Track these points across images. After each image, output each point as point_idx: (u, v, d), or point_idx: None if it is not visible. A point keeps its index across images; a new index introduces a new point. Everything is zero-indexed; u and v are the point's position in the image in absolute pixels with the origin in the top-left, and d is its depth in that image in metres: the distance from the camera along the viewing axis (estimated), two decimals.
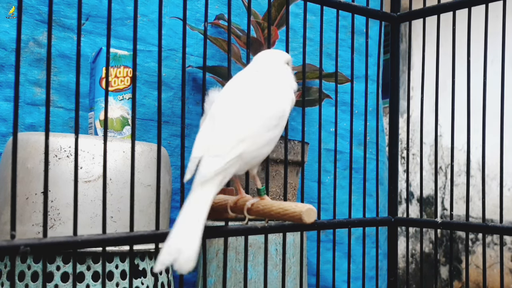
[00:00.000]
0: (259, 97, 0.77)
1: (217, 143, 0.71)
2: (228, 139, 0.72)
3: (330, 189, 1.70)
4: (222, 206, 0.83)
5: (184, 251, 0.63)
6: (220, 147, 0.71)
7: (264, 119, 0.75)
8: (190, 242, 0.64)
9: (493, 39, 1.20)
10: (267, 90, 0.78)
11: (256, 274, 1.34)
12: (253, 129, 0.73)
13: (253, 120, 0.74)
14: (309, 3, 1.08)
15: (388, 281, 1.26)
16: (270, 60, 0.83)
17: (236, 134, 0.72)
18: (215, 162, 0.70)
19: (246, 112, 0.75)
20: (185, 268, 0.63)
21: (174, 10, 1.52)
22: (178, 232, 0.65)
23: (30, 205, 1.05)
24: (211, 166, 0.69)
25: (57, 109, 1.38)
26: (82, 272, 1.08)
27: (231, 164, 0.71)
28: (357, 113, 1.78)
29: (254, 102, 0.76)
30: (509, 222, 2.63)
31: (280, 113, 0.77)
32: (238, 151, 0.71)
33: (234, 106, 0.76)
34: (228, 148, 0.71)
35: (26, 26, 1.35)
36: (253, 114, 0.75)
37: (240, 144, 0.72)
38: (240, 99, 0.77)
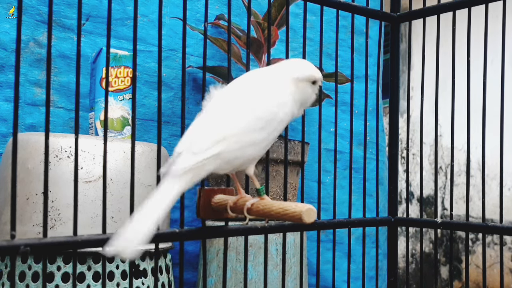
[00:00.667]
0: (249, 98, 0.76)
1: (196, 140, 0.71)
2: (207, 137, 0.71)
3: (330, 189, 1.70)
4: (222, 206, 0.84)
5: (130, 241, 0.64)
6: (198, 145, 0.71)
7: (248, 119, 0.74)
8: (137, 234, 0.64)
9: (493, 39, 1.20)
10: (258, 91, 0.77)
11: (256, 274, 1.34)
12: (234, 128, 0.73)
13: (236, 119, 0.73)
14: (309, 3, 1.08)
15: (388, 281, 1.26)
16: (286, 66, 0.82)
17: (216, 133, 0.72)
18: (189, 159, 0.70)
19: (231, 111, 0.74)
20: (126, 256, 0.64)
21: (174, 10, 1.52)
22: (134, 221, 0.65)
23: (31, 205, 1.05)
24: (183, 163, 0.69)
25: (58, 110, 1.38)
26: (82, 272, 1.08)
27: (206, 162, 0.71)
28: (357, 113, 1.78)
29: (241, 102, 0.76)
30: (509, 222, 2.63)
31: (269, 115, 0.75)
32: (215, 150, 0.71)
33: (223, 105, 0.76)
34: (205, 146, 0.71)
35: (26, 27, 1.35)
36: (237, 114, 0.74)
37: (218, 143, 0.71)
38: (231, 98, 0.77)
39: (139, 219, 0.65)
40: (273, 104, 0.76)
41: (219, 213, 0.85)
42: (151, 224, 0.65)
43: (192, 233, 0.87)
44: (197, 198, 0.85)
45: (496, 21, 1.16)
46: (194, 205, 1.50)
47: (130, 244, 0.64)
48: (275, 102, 0.76)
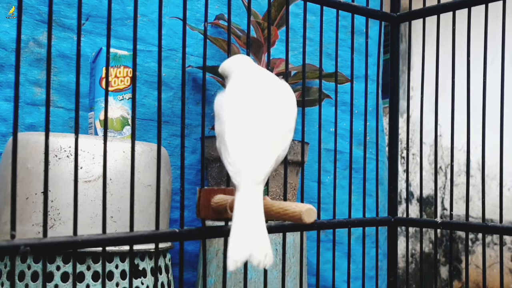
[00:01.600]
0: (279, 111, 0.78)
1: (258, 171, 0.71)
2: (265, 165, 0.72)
3: (330, 189, 1.70)
4: (222, 206, 0.83)
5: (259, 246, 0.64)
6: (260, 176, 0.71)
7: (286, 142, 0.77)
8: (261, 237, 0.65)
9: (493, 39, 1.20)
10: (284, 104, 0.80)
11: (256, 274, 1.34)
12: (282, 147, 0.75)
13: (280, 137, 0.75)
14: (309, 3, 1.08)
15: (388, 281, 1.26)
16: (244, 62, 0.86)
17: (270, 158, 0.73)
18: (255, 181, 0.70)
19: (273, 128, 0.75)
20: (267, 263, 0.63)
21: (174, 10, 1.52)
22: (245, 228, 0.65)
23: (30, 205, 1.05)
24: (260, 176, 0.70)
25: (57, 109, 1.38)
26: (82, 272, 1.08)
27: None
28: (357, 113, 1.78)
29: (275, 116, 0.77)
30: (509, 222, 2.63)
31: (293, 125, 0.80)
32: (270, 170, 0.73)
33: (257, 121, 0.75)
34: (263, 177, 0.71)
35: (26, 26, 1.35)
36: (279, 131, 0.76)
37: (271, 167, 0.73)
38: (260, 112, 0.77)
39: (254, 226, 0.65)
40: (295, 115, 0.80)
41: (219, 213, 0.85)
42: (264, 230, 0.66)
43: (192, 233, 0.87)
44: (197, 198, 0.85)
45: (496, 21, 1.16)
46: (194, 205, 1.50)
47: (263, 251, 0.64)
48: (295, 113, 0.81)
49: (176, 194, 1.39)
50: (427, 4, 1.21)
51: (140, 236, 0.82)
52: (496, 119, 1.10)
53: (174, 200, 1.40)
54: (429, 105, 1.67)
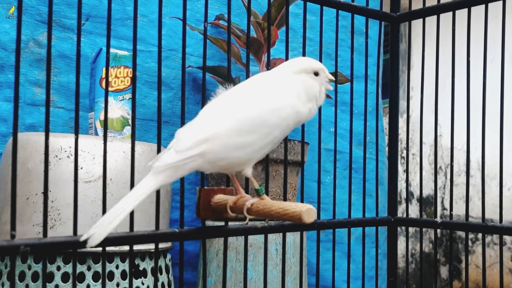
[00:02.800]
0: (239, 100, 0.76)
1: (183, 139, 0.73)
2: (191, 137, 0.72)
3: (330, 189, 1.70)
4: (222, 206, 0.84)
5: (101, 228, 0.68)
6: (183, 143, 0.72)
7: (230, 122, 0.73)
8: (110, 222, 0.68)
9: (493, 39, 1.20)
10: (252, 95, 0.76)
11: (256, 274, 1.34)
12: (217, 130, 0.72)
13: (222, 121, 0.73)
14: (309, 3, 1.08)
15: (388, 281, 1.26)
16: (286, 65, 0.81)
17: (199, 133, 0.72)
18: (171, 156, 0.71)
19: (219, 113, 0.74)
20: (91, 243, 0.67)
21: (174, 10, 1.53)
22: (110, 211, 0.69)
23: (31, 205, 1.05)
24: (165, 159, 0.71)
25: (57, 110, 1.38)
26: (82, 272, 1.08)
27: (187, 161, 0.72)
28: (357, 113, 1.78)
29: (233, 105, 0.75)
30: (509, 222, 2.63)
31: (256, 120, 0.74)
32: (197, 151, 0.72)
33: (216, 107, 0.76)
34: (188, 145, 0.72)
35: (26, 27, 1.35)
36: (225, 116, 0.74)
37: (202, 144, 0.72)
38: (225, 100, 0.77)
39: (114, 210, 0.68)
40: (262, 109, 0.75)
41: (219, 213, 0.85)
42: (122, 214, 0.68)
43: (192, 233, 0.87)
44: (197, 198, 0.85)
45: (496, 21, 1.16)
46: (194, 205, 1.51)
47: (101, 231, 0.67)
48: (265, 107, 0.75)
49: (176, 194, 1.39)
50: (427, 4, 1.21)
51: (140, 236, 0.82)
52: (496, 119, 1.10)
53: (174, 200, 1.40)
54: (429, 105, 1.67)
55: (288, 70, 0.80)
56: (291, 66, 0.80)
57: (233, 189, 0.88)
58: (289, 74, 0.79)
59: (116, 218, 0.68)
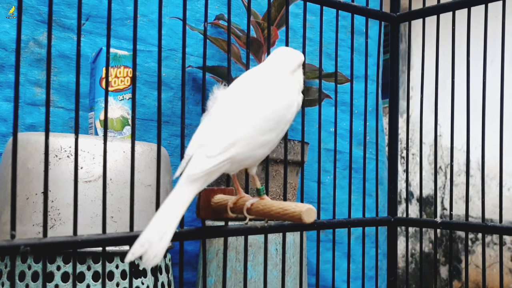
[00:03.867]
0: (257, 99, 0.77)
1: (209, 143, 0.72)
2: (220, 140, 0.72)
3: (329, 189, 1.70)
4: (222, 206, 0.84)
5: (153, 245, 0.65)
6: (212, 148, 0.72)
7: (258, 122, 0.75)
8: (161, 237, 0.66)
9: (493, 39, 1.20)
10: (266, 93, 0.78)
11: (256, 274, 1.34)
12: (245, 131, 0.73)
13: (246, 122, 0.74)
14: (309, 3, 1.08)
15: (387, 281, 1.26)
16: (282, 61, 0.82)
17: (228, 136, 0.73)
18: (205, 162, 0.71)
19: (241, 113, 0.75)
20: (150, 263, 0.65)
21: (174, 10, 1.53)
22: (154, 225, 0.67)
23: (31, 205, 1.05)
24: (200, 166, 0.71)
25: (57, 109, 1.38)
26: (82, 272, 1.08)
27: (222, 165, 0.72)
28: (357, 113, 1.78)
29: (250, 104, 0.76)
30: (509, 222, 2.63)
31: (277, 117, 0.77)
32: (229, 154, 0.72)
33: (231, 106, 0.76)
34: (219, 149, 0.72)
35: (26, 26, 1.35)
36: (248, 117, 0.75)
37: (232, 147, 0.72)
38: (238, 100, 0.77)
39: (162, 225, 0.67)
40: (281, 106, 0.77)
41: (219, 213, 0.85)
42: (173, 229, 0.67)
43: (192, 233, 0.87)
44: (197, 198, 0.85)
45: (496, 21, 1.16)
46: (194, 205, 1.51)
47: (154, 249, 0.65)
48: (283, 104, 0.78)
49: None
50: (427, 4, 1.21)
51: None
52: (496, 119, 1.10)
53: None
54: (429, 105, 1.67)
55: (287, 67, 0.82)
56: (289, 64, 0.82)
57: (233, 189, 0.88)
58: (288, 72, 0.81)
59: (166, 233, 0.67)
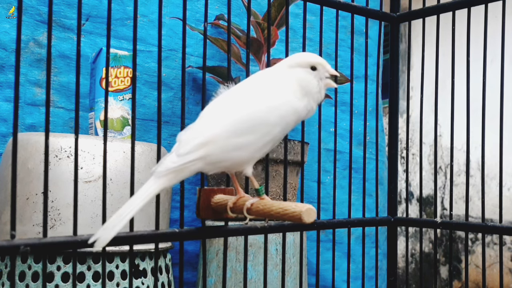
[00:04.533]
0: (238, 100, 0.76)
1: (183, 142, 0.73)
2: (191, 140, 0.72)
3: (329, 189, 1.70)
4: (222, 206, 0.84)
5: (107, 231, 0.68)
6: (184, 147, 0.72)
7: (231, 124, 0.73)
8: (115, 225, 0.68)
9: (493, 39, 1.20)
10: (249, 94, 0.76)
11: (256, 274, 1.34)
12: (216, 132, 0.73)
13: (218, 123, 0.73)
14: (309, 3, 1.08)
15: (387, 281, 1.26)
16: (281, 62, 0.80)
17: (200, 136, 0.73)
18: (172, 161, 0.72)
19: (217, 114, 0.74)
20: (98, 246, 0.68)
21: (174, 10, 1.53)
22: (116, 214, 0.69)
23: (31, 205, 1.06)
24: (167, 164, 0.72)
25: (58, 110, 1.38)
26: (82, 272, 1.08)
27: (190, 165, 0.72)
28: (357, 113, 1.78)
29: (230, 105, 0.75)
30: (509, 222, 2.63)
31: (255, 120, 0.74)
32: (198, 154, 0.72)
33: (215, 107, 0.76)
34: (189, 149, 0.72)
35: (26, 27, 1.35)
36: (221, 118, 0.74)
37: (202, 147, 0.72)
38: (223, 101, 0.76)
39: (118, 214, 0.69)
40: (260, 108, 0.74)
41: (219, 213, 0.85)
42: (126, 218, 0.69)
43: (192, 233, 0.87)
44: (197, 198, 0.85)
45: (496, 21, 1.16)
46: (194, 205, 1.51)
47: (106, 234, 0.68)
48: (263, 106, 0.75)
49: (176, 194, 1.39)
50: (426, 4, 1.21)
51: (140, 236, 0.82)
52: (496, 119, 1.10)
53: (174, 200, 1.40)
54: (428, 105, 1.67)
55: (283, 65, 0.79)
56: (287, 61, 0.80)
57: (233, 189, 0.88)
58: (283, 69, 0.79)
59: (120, 221, 0.69)
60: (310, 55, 0.80)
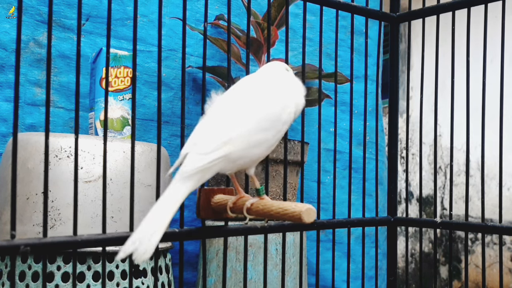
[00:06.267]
0: (252, 100, 0.78)
1: (203, 142, 0.73)
2: (214, 139, 0.73)
3: (329, 189, 1.70)
4: (222, 206, 0.84)
5: (144, 243, 0.66)
6: (205, 146, 0.72)
7: (252, 121, 0.75)
8: (152, 235, 0.66)
9: (492, 39, 1.20)
10: (262, 94, 0.79)
11: (256, 274, 1.34)
12: (239, 130, 0.74)
13: (240, 121, 0.75)
14: (309, 3, 1.08)
15: (387, 281, 1.26)
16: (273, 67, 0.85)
17: (222, 134, 0.73)
18: (198, 160, 0.71)
19: (235, 113, 0.76)
20: (140, 259, 0.65)
21: (174, 10, 1.53)
22: (146, 223, 0.67)
23: (31, 205, 1.06)
24: (193, 163, 0.71)
25: (58, 110, 1.38)
26: (82, 272, 1.08)
27: (215, 163, 0.73)
28: (357, 113, 1.78)
29: (245, 104, 0.77)
30: (508, 222, 2.63)
31: (272, 116, 0.77)
32: (222, 152, 0.73)
33: (226, 107, 0.77)
34: (212, 147, 0.72)
35: (26, 27, 1.35)
36: (242, 116, 0.75)
37: (225, 145, 0.73)
38: (234, 100, 0.78)
39: (153, 222, 0.67)
40: (277, 105, 0.78)
41: (219, 213, 0.85)
42: (164, 227, 0.68)
43: (192, 233, 0.87)
44: (197, 198, 0.85)
45: (496, 21, 1.16)
46: (194, 205, 1.51)
47: (144, 246, 0.65)
48: (279, 104, 0.79)
49: None
50: (426, 4, 1.21)
51: None
52: (496, 119, 1.10)
53: None
54: (428, 105, 1.67)
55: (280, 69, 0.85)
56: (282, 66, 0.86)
57: (233, 189, 0.88)
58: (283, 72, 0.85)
59: (157, 231, 0.67)
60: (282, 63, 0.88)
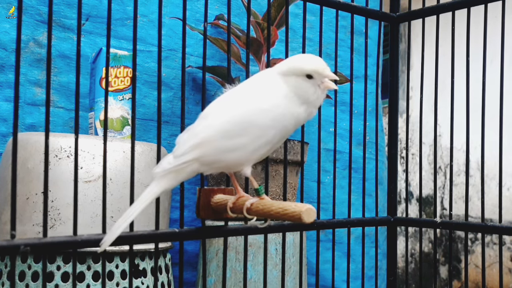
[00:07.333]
0: (227, 103, 0.76)
1: (180, 144, 0.75)
2: (186, 142, 0.74)
3: (329, 189, 1.70)
4: (221, 206, 0.84)
5: (111, 232, 0.72)
6: (179, 149, 0.74)
7: (221, 125, 0.74)
8: (119, 226, 0.72)
9: (492, 39, 1.20)
10: (239, 97, 0.76)
11: (256, 274, 1.34)
12: (208, 134, 0.74)
13: (211, 125, 0.74)
14: (309, 3, 1.08)
15: (387, 281, 1.26)
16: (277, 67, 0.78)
17: (193, 138, 0.74)
18: (167, 163, 0.74)
19: (210, 116, 0.76)
20: (103, 247, 0.72)
21: (174, 10, 1.53)
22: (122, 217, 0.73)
23: (31, 205, 1.06)
24: (164, 165, 0.74)
25: (57, 109, 1.38)
26: (82, 272, 1.08)
27: (185, 165, 0.74)
28: (357, 113, 1.78)
29: (221, 108, 0.76)
30: (508, 222, 2.63)
31: (245, 122, 0.74)
32: (193, 155, 0.74)
33: (209, 109, 0.77)
34: (183, 150, 0.74)
35: (26, 27, 1.35)
36: (213, 119, 0.75)
37: (195, 148, 0.74)
38: (218, 105, 0.77)
39: (123, 216, 0.73)
40: (250, 110, 0.74)
41: (219, 213, 0.85)
42: (129, 220, 0.73)
43: (191, 233, 0.87)
44: (197, 198, 0.85)
45: (495, 21, 1.16)
46: (194, 205, 1.51)
47: (110, 235, 0.72)
48: (252, 109, 0.74)
49: (176, 194, 1.39)
50: (426, 4, 1.21)
51: (140, 236, 0.82)
52: (496, 119, 1.11)
53: (174, 200, 1.40)
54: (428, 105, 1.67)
55: (278, 71, 0.77)
56: (282, 66, 0.77)
57: (233, 189, 0.88)
58: (278, 75, 0.77)
59: (123, 223, 0.72)
60: (305, 63, 0.76)
